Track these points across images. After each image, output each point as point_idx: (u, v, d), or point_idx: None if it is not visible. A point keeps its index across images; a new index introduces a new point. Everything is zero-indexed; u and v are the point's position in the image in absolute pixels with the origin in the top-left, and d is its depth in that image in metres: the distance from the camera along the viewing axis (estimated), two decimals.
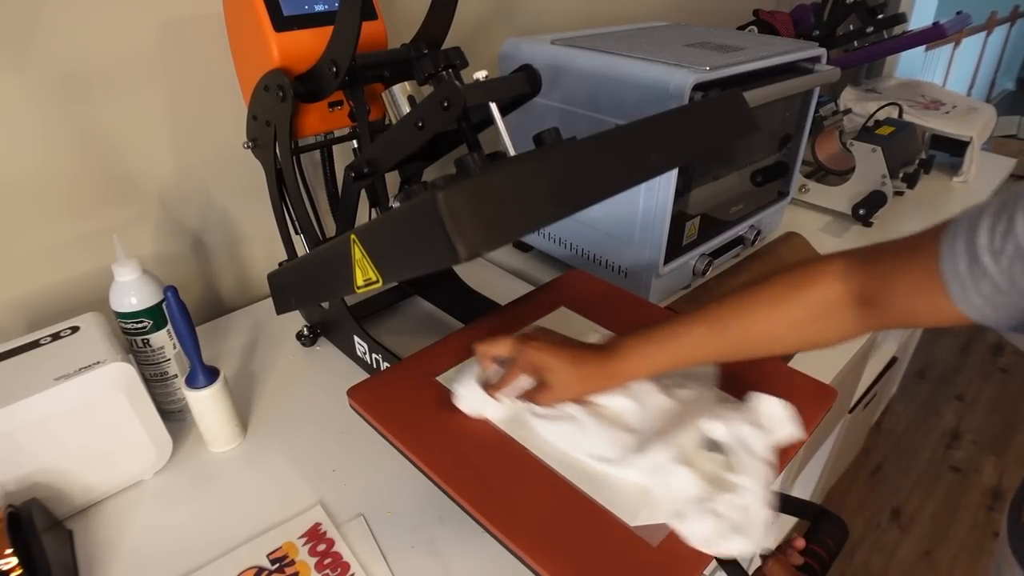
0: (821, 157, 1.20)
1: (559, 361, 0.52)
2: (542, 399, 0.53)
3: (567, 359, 0.52)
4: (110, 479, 0.58)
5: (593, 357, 0.52)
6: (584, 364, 0.52)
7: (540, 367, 0.52)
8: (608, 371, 0.52)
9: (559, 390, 0.52)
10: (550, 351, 0.52)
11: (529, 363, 0.53)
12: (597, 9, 1.21)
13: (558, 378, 0.52)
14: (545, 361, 0.52)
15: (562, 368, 0.52)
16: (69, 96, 0.67)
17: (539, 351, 0.52)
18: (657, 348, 0.51)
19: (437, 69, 0.53)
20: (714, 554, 0.43)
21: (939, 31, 1.24)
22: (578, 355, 0.52)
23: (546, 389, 0.53)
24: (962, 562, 1.55)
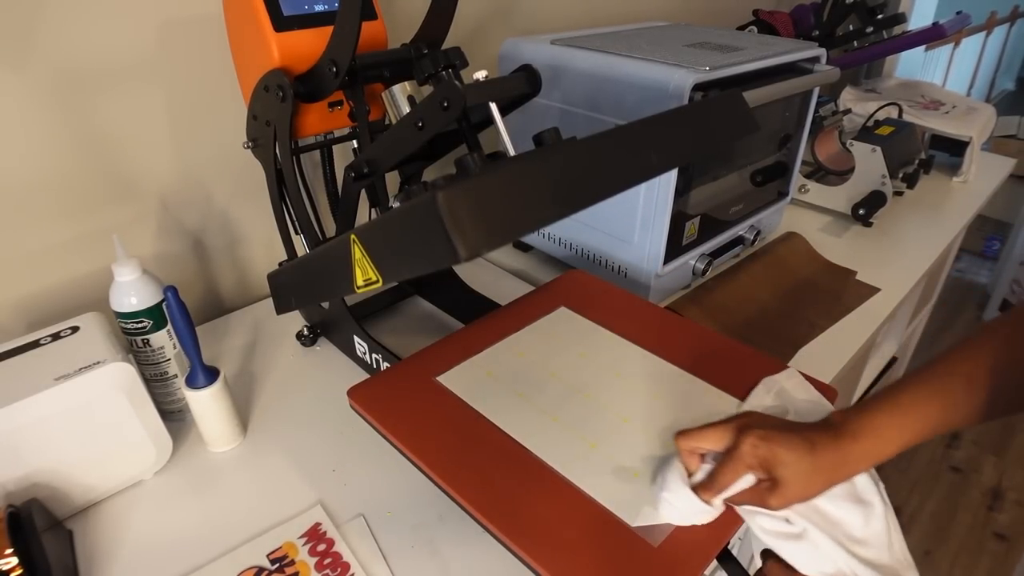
0: (821, 157, 1.20)
1: (793, 452, 0.42)
2: (774, 501, 0.43)
3: (802, 449, 0.42)
4: (110, 479, 0.58)
5: (829, 441, 0.43)
6: (820, 452, 0.42)
7: (770, 461, 0.43)
8: (852, 455, 0.43)
9: (796, 487, 0.42)
10: (780, 440, 0.43)
11: (755, 456, 0.43)
12: (597, 9, 1.21)
13: (794, 473, 0.42)
14: (776, 453, 0.42)
15: (797, 460, 0.42)
16: (69, 96, 0.67)
17: (767, 441, 0.43)
18: (904, 416, 0.43)
19: (437, 69, 0.53)
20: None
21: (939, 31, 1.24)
22: (813, 442, 0.43)
23: (779, 488, 0.42)
24: (962, 562, 1.55)
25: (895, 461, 1.82)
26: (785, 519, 0.44)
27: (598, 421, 0.55)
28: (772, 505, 0.43)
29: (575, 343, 0.65)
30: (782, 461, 0.42)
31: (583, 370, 0.61)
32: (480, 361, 0.62)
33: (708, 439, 0.46)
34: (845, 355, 0.80)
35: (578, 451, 0.52)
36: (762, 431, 0.44)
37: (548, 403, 0.57)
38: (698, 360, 0.62)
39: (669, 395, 0.58)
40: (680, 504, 0.45)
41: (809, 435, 0.43)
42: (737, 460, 0.44)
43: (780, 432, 0.44)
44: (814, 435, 0.43)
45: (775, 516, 0.44)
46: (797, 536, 0.44)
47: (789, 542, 0.44)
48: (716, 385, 0.59)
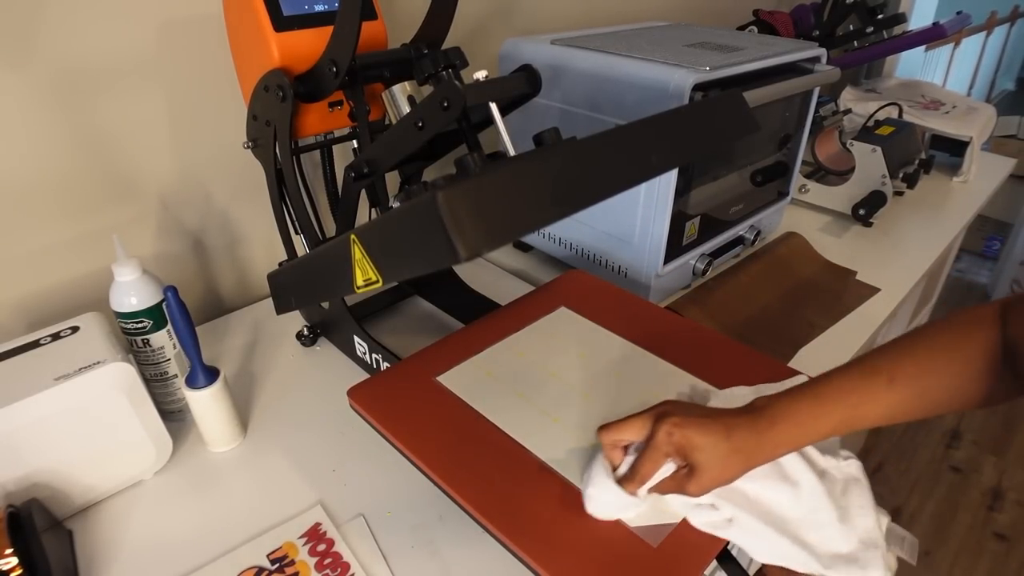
0: (821, 157, 1.20)
1: (708, 437, 0.43)
2: (692, 486, 0.44)
3: (717, 433, 0.44)
4: (110, 479, 0.58)
5: (746, 425, 0.44)
6: (737, 436, 0.44)
7: (685, 447, 0.44)
8: (767, 440, 0.44)
9: (713, 472, 0.44)
10: (696, 426, 0.44)
11: (671, 443, 0.44)
12: (597, 9, 1.21)
13: (709, 457, 0.43)
14: (691, 439, 0.43)
15: (712, 444, 0.43)
16: (69, 96, 0.67)
17: (682, 427, 0.44)
18: (820, 409, 0.44)
19: (437, 69, 0.53)
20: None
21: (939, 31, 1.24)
22: (728, 426, 0.44)
23: (697, 473, 0.44)
24: (962, 562, 1.55)
25: (895, 461, 1.82)
26: (711, 506, 0.45)
27: (598, 421, 0.55)
28: (691, 491, 0.44)
29: (575, 343, 0.65)
30: (697, 446, 0.43)
31: (583, 370, 0.61)
32: (480, 361, 0.62)
33: (628, 430, 0.47)
34: (845, 355, 0.80)
35: (578, 451, 0.52)
36: (678, 418, 0.44)
37: (548, 403, 0.57)
38: (698, 360, 0.62)
39: (669, 395, 0.58)
40: (605, 498, 0.46)
41: (726, 420, 0.44)
42: (655, 449, 0.44)
43: (696, 418, 0.45)
44: (732, 420, 0.44)
45: (704, 506, 0.45)
46: (726, 523, 0.45)
47: (729, 530, 0.45)
48: (716, 385, 0.59)
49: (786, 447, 0.45)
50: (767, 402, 0.45)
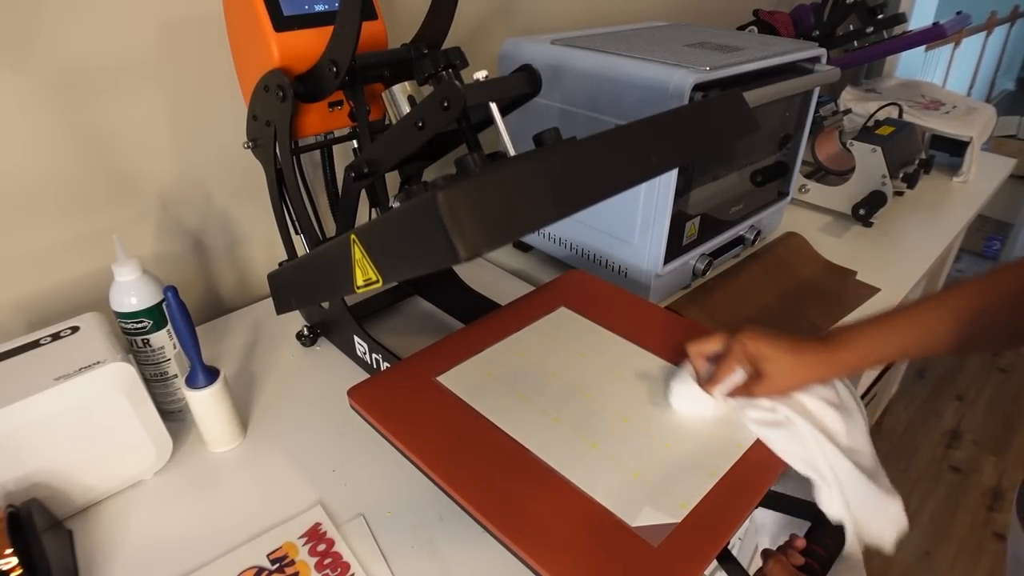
0: (821, 157, 1.20)
1: (776, 350, 0.51)
2: (759, 389, 0.52)
3: (785, 347, 0.51)
4: (110, 479, 0.58)
5: (813, 345, 0.51)
6: (803, 352, 0.50)
7: (757, 356, 0.51)
8: (830, 359, 0.50)
9: (777, 379, 0.51)
10: (767, 340, 0.51)
11: (745, 352, 0.52)
12: (597, 9, 1.21)
13: (776, 367, 0.50)
14: (762, 350, 0.51)
15: (780, 356, 0.50)
16: (69, 96, 0.67)
17: (755, 340, 0.51)
18: (886, 334, 0.49)
19: (437, 69, 0.53)
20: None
21: (939, 31, 1.24)
22: (797, 343, 0.51)
23: (763, 379, 0.51)
24: (962, 562, 1.55)
25: (895, 461, 1.82)
26: (771, 409, 0.51)
27: (598, 421, 0.55)
28: (755, 392, 0.51)
29: (575, 343, 0.65)
30: (766, 356, 0.51)
31: (583, 370, 0.61)
32: (480, 361, 0.62)
33: (711, 343, 0.55)
34: None
35: (578, 451, 0.52)
36: (753, 332, 0.52)
37: (548, 403, 0.57)
38: None
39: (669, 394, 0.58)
40: (688, 393, 0.54)
41: (794, 339, 0.51)
42: (731, 355, 0.52)
43: (768, 334, 0.52)
44: (800, 340, 0.51)
45: (763, 407, 0.52)
46: (780, 423, 0.51)
47: (773, 429, 0.50)
48: None
49: (847, 368, 0.50)
50: (836, 329, 0.51)
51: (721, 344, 0.54)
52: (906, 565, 1.54)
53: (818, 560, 0.48)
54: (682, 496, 0.47)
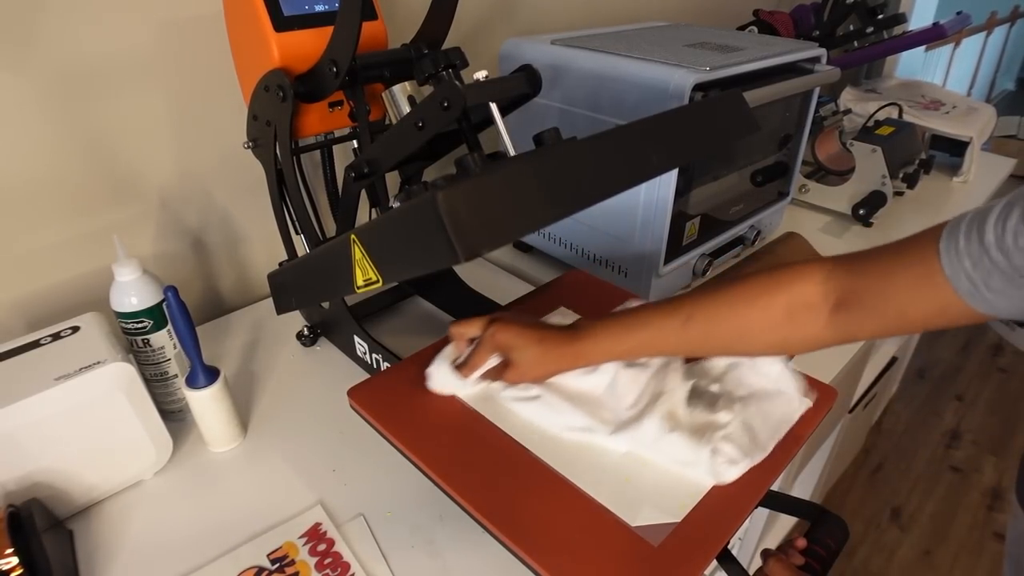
0: (821, 157, 1.20)
1: (524, 340, 0.53)
2: (507, 377, 0.55)
3: (532, 338, 0.53)
4: (110, 479, 0.58)
5: (559, 337, 0.54)
6: (550, 343, 0.53)
7: (506, 346, 0.54)
8: (573, 351, 0.53)
9: (524, 368, 0.54)
10: (516, 330, 0.54)
11: (495, 342, 0.54)
12: (597, 9, 1.21)
13: (523, 356, 0.53)
14: (510, 340, 0.54)
15: (527, 346, 0.53)
16: (69, 96, 0.67)
17: (505, 330, 0.54)
18: (624, 332, 0.52)
19: (437, 69, 0.53)
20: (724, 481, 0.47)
21: (939, 31, 1.24)
22: (544, 335, 0.54)
23: (512, 367, 0.54)
24: (962, 562, 1.55)
25: (895, 461, 1.83)
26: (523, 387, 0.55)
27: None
28: (507, 379, 0.55)
29: None
30: (514, 346, 0.53)
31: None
32: None
33: (470, 327, 0.57)
34: (845, 355, 0.80)
35: (578, 451, 0.52)
36: (505, 323, 0.55)
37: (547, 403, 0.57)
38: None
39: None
40: (443, 377, 0.56)
41: (544, 330, 0.54)
42: (483, 344, 0.55)
43: (520, 325, 0.54)
44: (548, 330, 0.54)
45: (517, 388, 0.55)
46: (533, 398, 0.54)
47: (528, 404, 0.54)
48: None
49: (587, 359, 0.54)
50: (583, 321, 0.55)
51: (479, 330, 0.56)
52: (906, 565, 1.54)
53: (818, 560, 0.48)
54: (682, 496, 0.47)
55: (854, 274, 0.44)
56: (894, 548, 1.58)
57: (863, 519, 1.66)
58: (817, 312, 0.45)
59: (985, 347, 2.28)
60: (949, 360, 2.21)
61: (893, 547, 1.58)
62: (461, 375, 0.56)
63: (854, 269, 0.44)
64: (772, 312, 0.47)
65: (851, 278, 0.44)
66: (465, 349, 0.58)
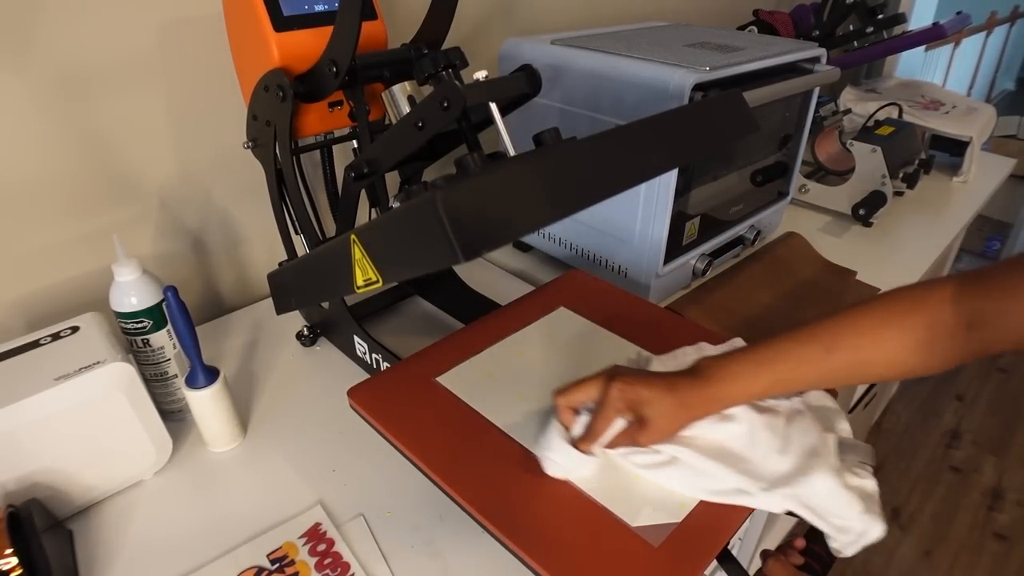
0: (821, 157, 1.20)
1: (654, 391, 0.48)
2: (643, 438, 0.48)
3: (662, 388, 0.48)
4: (110, 479, 0.58)
5: (688, 382, 0.48)
6: (682, 391, 0.48)
7: (635, 402, 0.48)
8: (709, 395, 0.48)
9: (661, 423, 0.48)
10: (643, 383, 0.48)
11: (623, 399, 0.48)
12: (597, 9, 1.21)
13: (657, 411, 0.47)
14: (640, 394, 0.48)
15: (659, 398, 0.48)
16: (69, 96, 0.67)
17: (631, 385, 0.48)
18: (758, 368, 0.48)
19: (437, 69, 0.53)
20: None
21: (939, 31, 1.24)
22: (672, 383, 0.48)
23: (646, 426, 0.48)
24: (962, 562, 1.55)
25: (895, 461, 1.82)
26: (653, 451, 0.49)
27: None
28: (642, 442, 0.49)
29: (575, 343, 0.65)
30: (646, 400, 0.48)
31: (583, 370, 0.61)
32: (480, 361, 0.62)
33: (581, 392, 0.50)
34: None
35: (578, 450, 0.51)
36: (627, 377, 0.49)
37: (548, 403, 0.57)
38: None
39: None
40: (564, 461, 0.49)
41: (670, 378, 0.49)
42: (608, 406, 0.48)
43: (643, 377, 0.49)
44: (675, 378, 0.49)
45: (645, 451, 0.49)
46: (669, 462, 0.49)
47: (663, 469, 0.48)
48: None
49: (724, 402, 0.49)
50: (708, 362, 0.49)
51: (595, 392, 0.49)
52: (906, 565, 1.54)
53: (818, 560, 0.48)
54: (682, 496, 0.47)
55: (983, 292, 0.43)
56: (894, 548, 1.58)
57: None
58: (954, 333, 0.43)
59: None
60: None
61: (893, 547, 1.58)
62: (583, 449, 0.49)
63: (982, 287, 0.43)
64: (914, 336, 0.44)
65: (980, 296, 0.43)
66: (575, 419, 0.51)
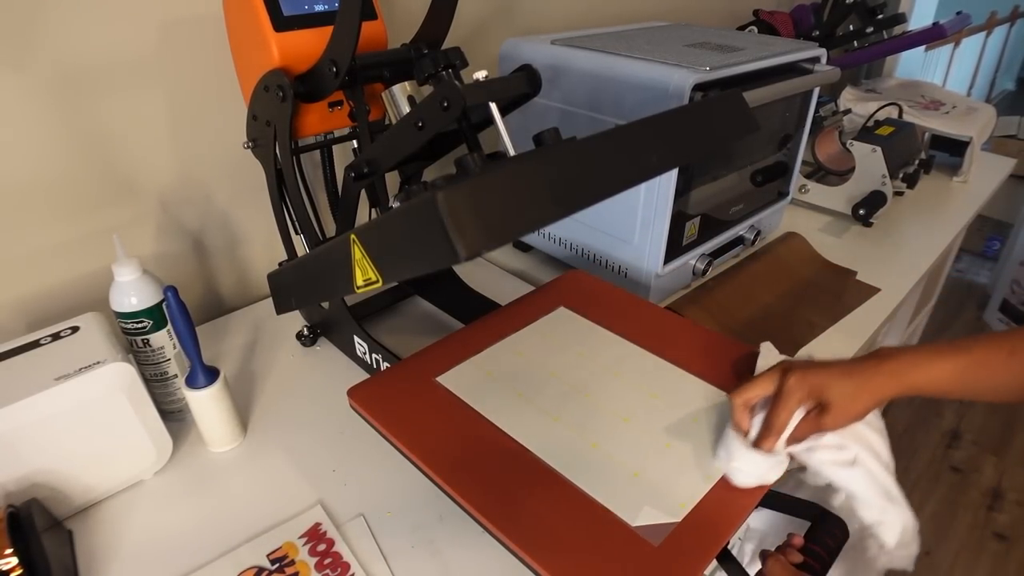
0: (821, 157, 1.20)
1: (832, 376, 0.47)
2: (829, 422, 0.47)
3: (840, 372, 0.47)
4: (110, 479, 0.58)
5: (869, 365, 0.47)
6: (860, 373, 0.47)
7: (817, 386, 0.47)
8: (890, 377, 0.47)
9: (844, 405, 0.47)
10: (821, 368, 0.47)
11: (806, 385, 0.47)
12: (597, 9, 1.21)
13: (840, 393, 0.46)
14: (819, 379, 0.47)
15: (839, 380, 0.47)
16: (69, 96, 0.67)
17: (809, 371, 0.47)
18: (941, 357, 0.46)
19: (437, 69, 0.53)
20: None
21: (939, 31, 1.24)
22: (851, 367, 0.48)
23: (830, 410, 0.47)
24: (962, 562, 1.55)
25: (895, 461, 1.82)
26: (838, 447, 0.48)
27: (598, 421, 0.55)
28: (828, 425, 0.47)
29: (575, 343, 0.65)
30: (827, 384, 0.46)
31: (583, 370, 0.61)
32: (480, 361, 0.62)
33: (758, 386, 0.49)
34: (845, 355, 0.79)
35: (578, 451, 0.52)
36: (803, 365, 0.48)
37: (548, 403, 0.57)
38: (698, 360, 0.62)
39: (669, 395, 0.58)
40: (750, 468, 0.47)
41: (844, 364, 0.48)
42: (787, 396, 0.47)
43: (820, 363, 0.48)
44: (853, 363, 0.48)
45: (831, 447, 0.48)
46: (852, 462, 0.48)
47: (846, 470, 0.47)
48: (716, 384, 0.59)
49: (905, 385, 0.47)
50: (889, 349, 0.48)
51: (772, 385, 0.48)
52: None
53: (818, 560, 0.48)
54: (682, 496, 0.47)
55: None
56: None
57: None
58: None
59: None
60: None
61: None
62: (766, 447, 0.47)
63: None
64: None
65: None
66: (751, 419, 0.50)
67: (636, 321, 0.68)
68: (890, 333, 1.59)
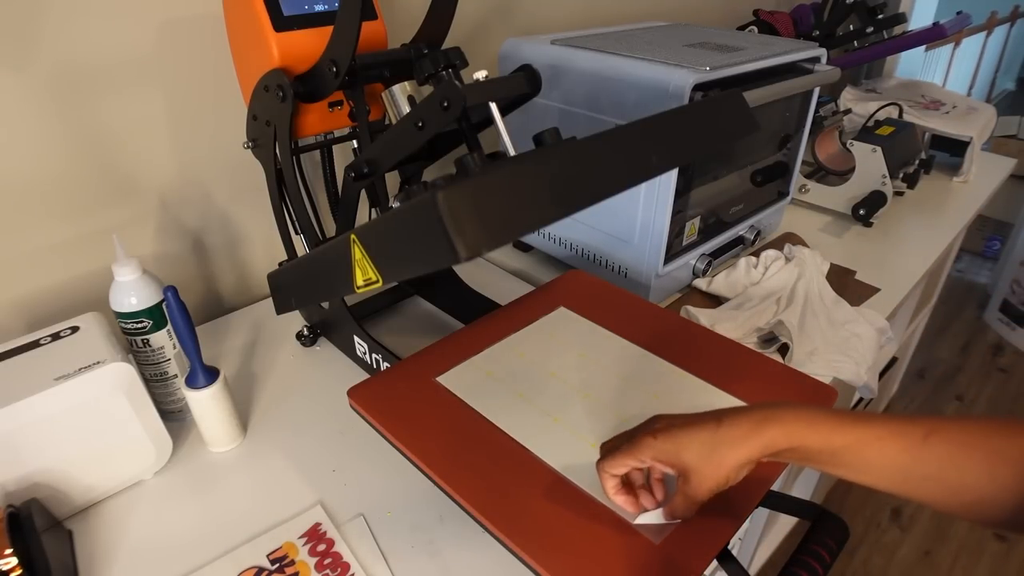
0: (821, 157, 1.20)
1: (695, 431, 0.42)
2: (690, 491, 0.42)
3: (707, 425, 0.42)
4: (110, 479, 0.58)
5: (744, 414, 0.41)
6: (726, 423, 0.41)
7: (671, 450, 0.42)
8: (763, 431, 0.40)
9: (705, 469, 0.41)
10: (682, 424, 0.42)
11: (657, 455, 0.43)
12: (597, 9, 1.21)
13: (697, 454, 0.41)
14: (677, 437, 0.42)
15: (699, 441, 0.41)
16: (69, 96, 0.67)
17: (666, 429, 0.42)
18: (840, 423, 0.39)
19: (437, 69, 0.53)
20: None
21: (939, 31, 1.24)
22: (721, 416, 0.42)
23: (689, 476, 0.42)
24: (962, 562, 1.55)
25: None
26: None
27: (598, 421, 0.55)
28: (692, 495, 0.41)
29: (575, 343, 0.65)
30: (683, 444, 0.41)
31: (583, 370, 0.61)
32: (480, 361, 0.62)
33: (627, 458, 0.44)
34: None
35: (578, 451, 0.52)
36: (663, 422, 0.43)
37: (548, 403, 0.57)
38: (698, 360, 0.62)
39: (669, 395, 0.58)
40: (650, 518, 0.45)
41: (723, 413, 0.42)
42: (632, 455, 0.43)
43: (685, 417, 0.43)
44: (729, 411, 0.42)
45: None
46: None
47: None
48: (715, 384, 0.59)
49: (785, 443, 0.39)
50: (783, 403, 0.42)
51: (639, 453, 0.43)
52: (906, 565, 1.54)
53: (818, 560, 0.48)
54: None
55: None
56: (894, 548, 1.58)
57: (863, 519, 1.65)
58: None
59: (985, 347, 2.28)
60: (949, 360, 2.21)
61: (893, 547, 1.58)
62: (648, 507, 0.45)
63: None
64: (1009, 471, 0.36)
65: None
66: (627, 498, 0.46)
67: (636, 321, 0.68)
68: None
